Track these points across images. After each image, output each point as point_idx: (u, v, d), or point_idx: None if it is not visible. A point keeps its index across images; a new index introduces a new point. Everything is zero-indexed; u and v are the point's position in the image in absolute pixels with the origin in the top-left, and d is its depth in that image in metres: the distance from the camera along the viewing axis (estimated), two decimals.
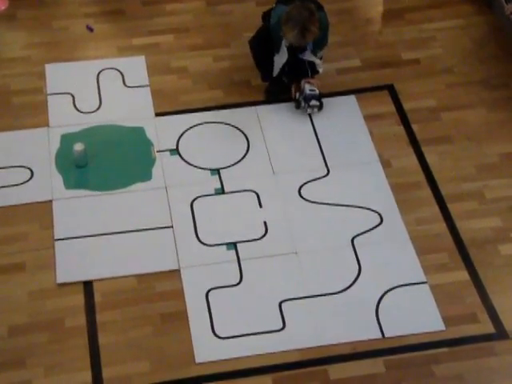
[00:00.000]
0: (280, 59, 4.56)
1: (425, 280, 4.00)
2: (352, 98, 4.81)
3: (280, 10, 4.42)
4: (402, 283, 3.99)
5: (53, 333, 3.78)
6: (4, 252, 4.06)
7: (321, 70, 4.70)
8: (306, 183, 4.39)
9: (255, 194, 4.34)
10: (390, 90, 4.86)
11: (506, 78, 4.93)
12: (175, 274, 4.00)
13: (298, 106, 4.67)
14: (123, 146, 4.55)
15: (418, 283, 3.99)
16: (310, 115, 4.69)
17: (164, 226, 4.18)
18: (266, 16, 4.61)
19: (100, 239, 4.11)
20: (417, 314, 3.88)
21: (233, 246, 4.11)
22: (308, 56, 4.58)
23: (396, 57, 5.07)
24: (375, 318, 3.86)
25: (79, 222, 4.18)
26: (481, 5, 5.35)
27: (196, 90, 4.83)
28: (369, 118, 4.70)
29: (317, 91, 4.62)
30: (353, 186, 4.39)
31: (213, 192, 4.34)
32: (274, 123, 4.66)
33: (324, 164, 4.48)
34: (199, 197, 4.32)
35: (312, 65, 4.64)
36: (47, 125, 4.63)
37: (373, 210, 4.27)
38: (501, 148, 4.58)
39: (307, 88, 4.62)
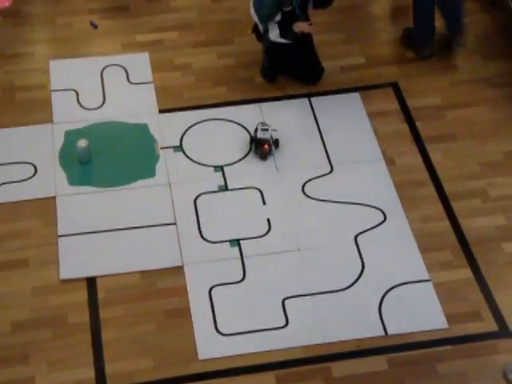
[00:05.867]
0: (274, 33, 4.60)
1: (428, 278, 4.00)
2: (356, 96, 4.80)
3: None
4: (405, 281, 3.98)
5: (56, 329, 3.78)
6: (7, 248, 4.07)
7: None
8: (309, 180, 4.39)
9: (259, 191, 4.33)
10: (394, 87, 4.86)
11: (510, 76, 4.92)
12: (178, 270, 4.00)
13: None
14: (127, 143, 4.55)
15: (421, 281, 3.99)
16: (313, 111, 4.68)
17: (167, 222, 4.18)
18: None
19: (103, 235, 4.12)
20: (420, 312, 3.88)
21: (236, 242, 4.11)
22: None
23: (400, 54, 5.06)
24: (378, 316, 3.86)
25: (83, 218, 4.18)
26: (485, 3, 5.34)
27: (200, 86, 4.83)
28: (373, 116, 4.69)
29: (268, 135, 4.37)
30: (356, 183, 4.38)
31: (216, 189, 4.34)
32: (278, 120, 4.65)
33: (328, 161, 4.48)
34: (203, 193, 4.32)
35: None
36: (51, 121, 4.63)
37: (376, 208, 4.27)
38: (505, 146, 4.58)
39: (259, 129, 4.41)
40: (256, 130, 4.44)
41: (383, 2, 5.38)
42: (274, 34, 4.60)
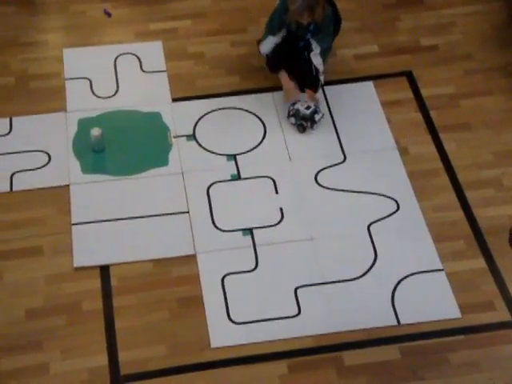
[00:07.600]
0: (273, 40, 4.53)
1: (441, 267, 3.99)
2: (370, 85, 4.78)
3: None
4: (418, 270, 3.98)
5: (70, 316, 3.80)
6: (21, 236, 4.09)
7: (322, 79, 4.54)
8: (322, 170, 4.38)
9: (271, 180, 4.33)
10: (408, 76, 4.84)
11: None
12: (191, 259, 4.02)
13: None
14: (140, 131, 4.55)
15: (434, 270, 3.98)
16: (326, 99, 4.67)
17: (180, 211, 4.19)
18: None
19: (117, 224, 4.13)
20: (433, 302, 3.88)
21: (249, 231, 4.12)
22: (312, 52, 4.47)
23: (415, 43, 5.03)
24: (391, 305, 3.85)
25: (96, 206, 4.20)
26: None
27: (213, 75, 4.83)
28: (386, 105, 4.68)
29: (300, 109, 4.43)
30: (369, 172, 4.37)
31: (229, 178, 4.35)
32: None
33: (341, 150, 4.47)
34: (215, 182, 4.32)
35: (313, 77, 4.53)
36: (65, 109, 4.64)
37: (389, 197, 4.26)
38: None
39: (301, 102, 4.47)
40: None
41: None
42: (268, 46, 4.54)
